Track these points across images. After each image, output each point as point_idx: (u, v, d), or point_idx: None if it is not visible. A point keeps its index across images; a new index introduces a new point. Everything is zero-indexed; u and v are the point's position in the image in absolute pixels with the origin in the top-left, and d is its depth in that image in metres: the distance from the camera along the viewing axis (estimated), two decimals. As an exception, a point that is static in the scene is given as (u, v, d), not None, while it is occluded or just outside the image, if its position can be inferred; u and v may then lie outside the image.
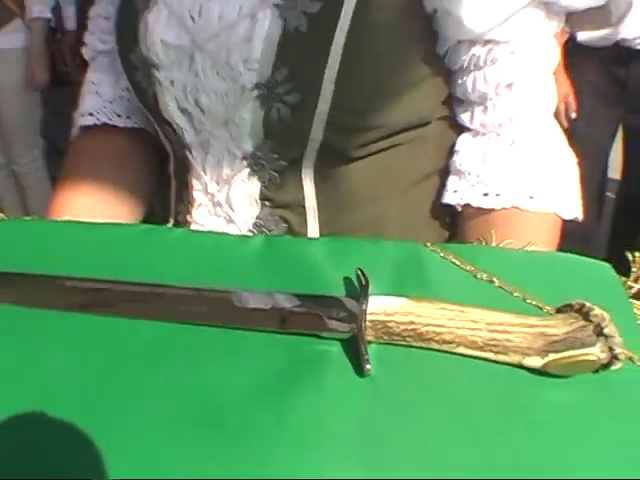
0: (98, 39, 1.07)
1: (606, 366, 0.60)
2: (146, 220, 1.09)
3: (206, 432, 0.56)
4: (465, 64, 0.91)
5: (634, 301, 0.73)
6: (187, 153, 0.98)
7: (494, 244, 0.82)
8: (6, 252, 0.75)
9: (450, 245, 0.77)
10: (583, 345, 0.59)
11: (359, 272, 0.67)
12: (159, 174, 1.10)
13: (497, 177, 0.91)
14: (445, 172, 0.97)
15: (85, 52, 1.11)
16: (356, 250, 0.74)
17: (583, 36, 3.00)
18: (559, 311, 0.65)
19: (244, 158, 0.93)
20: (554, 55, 0.93)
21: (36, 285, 0.70)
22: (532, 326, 0.61)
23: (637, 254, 0.77)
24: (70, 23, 3.71)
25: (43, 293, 0.69)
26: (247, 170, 0.94)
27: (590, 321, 0.61)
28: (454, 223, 0.98)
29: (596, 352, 0.59)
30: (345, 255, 0.73)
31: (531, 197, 0.89)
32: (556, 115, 2.73)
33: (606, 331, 0.60)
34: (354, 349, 0.61)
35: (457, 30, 0.87)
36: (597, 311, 0.61)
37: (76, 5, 3.70)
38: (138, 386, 0.60)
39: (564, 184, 0.92)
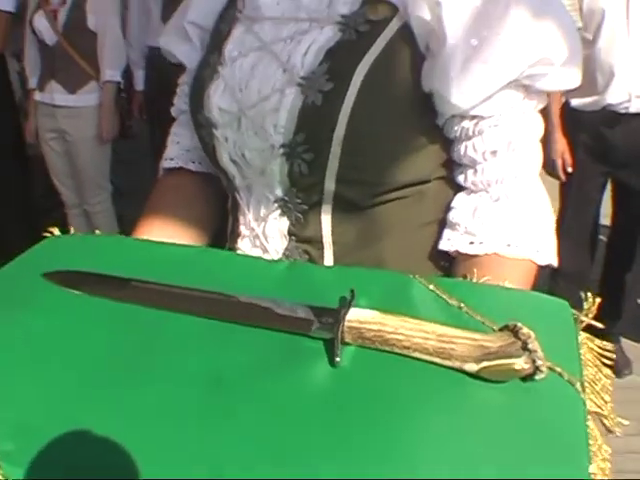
0: (183, 101, 1.18)
1: (532, 375, 0.67)
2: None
3: (209, 391, 0.69)
4: (457, 134, 0.97)
5: (583, 333, 0.79)
6: (236, 195, 1.07)
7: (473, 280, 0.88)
8: (101, 257, 0.90)
9: (432, 277, 0.84)
10: (511, 356, 0.66)
11: (350, 291, 0.75)
12: (220, 211, 1.19)
13: (482, 228, 0.96)
14: (441, 222, 1.03)
15: (172, 110, 1.22)
16: (357, 276, 0.83)
17: (576, 102, 3.06)
18: (500, 330, 0.72)
19: (275, 201, 1.02)
20: (537, 127, 0.99)
21: (121, 286, 0.84)
22: (474, 340, 0.69)
23: (589, 294, 0.82)
24: (139, 84, 3.88)
25: (122, 292, 0.83)
26: (278, 211, 1.02)
27: (519, 338, 0.68)
28: (448, 265, 1.02)
29: (520, 363, 0.66)
30: (348, 279, 0.81)
31: (508, 245, 0.94)
32: (554, 169, 2.75)
33: (530, 346, 0.66)
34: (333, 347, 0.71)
35: (448, 107, 0.93)
36: (525, 330, 0.68)
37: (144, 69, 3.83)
38: (173, 358, 0.74)
39: (540, 235, 0.96)
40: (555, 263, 0.97)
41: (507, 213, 0.96)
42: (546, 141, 3.08)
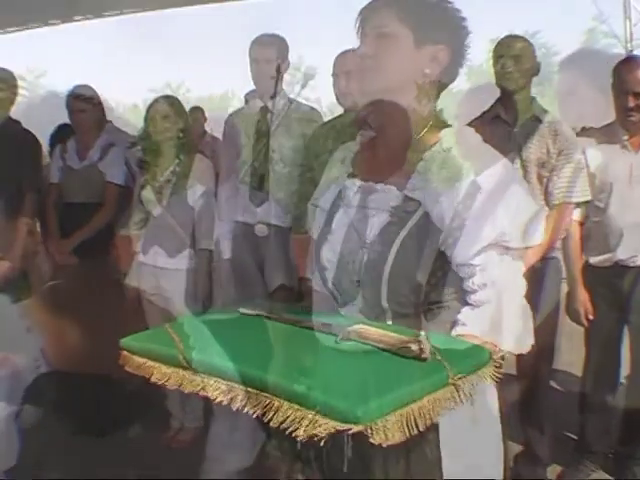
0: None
1: (420, 356, 1.37)
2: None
3: (284, 340, 1.59)
4: (462, 274, 1.60)
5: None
6: (336, 306, 1.77)
7: None
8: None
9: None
10: (409, 343, 1.39)
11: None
12: None
13: (471, 322, 1.59)
14: (454, 323, 1.62)
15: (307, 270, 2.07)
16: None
17: (593, 260, 3.62)
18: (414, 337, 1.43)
19: (360, 311, 1.69)
20: (515, 269, 1.62)
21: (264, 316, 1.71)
22: (400, 339, 1.44)
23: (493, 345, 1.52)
24: (226, 253, 4.16)
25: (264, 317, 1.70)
26: (361, 315, 1.67)
27: (416, 337, 1.39)
28: None
29: (413, 346, 1.39)
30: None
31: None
32: (579, 317, 3.32)
33: (420, 339, 1.40)
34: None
35: (454, 259, 1.58)
36: (420, 333, 1.41)
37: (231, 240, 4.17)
38: (274, 337, 1.61)
39: (515, 334, 1.60)
40: (525, 352, 1.62)
41: (491, 319, 1.58)
42: (571, 294, 3.62)
